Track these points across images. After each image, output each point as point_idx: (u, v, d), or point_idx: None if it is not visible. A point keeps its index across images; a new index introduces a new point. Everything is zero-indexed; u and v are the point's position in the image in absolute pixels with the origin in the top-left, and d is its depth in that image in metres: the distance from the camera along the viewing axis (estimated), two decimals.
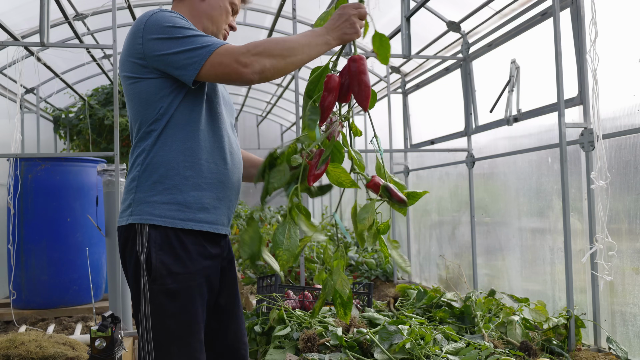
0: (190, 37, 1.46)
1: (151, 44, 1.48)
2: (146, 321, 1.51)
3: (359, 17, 1.50)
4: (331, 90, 1.51)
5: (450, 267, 4.43)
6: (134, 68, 1.53)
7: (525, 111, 3.27)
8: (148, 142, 1.54)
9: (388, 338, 2.58)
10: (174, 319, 1.51)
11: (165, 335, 1.51)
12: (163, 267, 1.49)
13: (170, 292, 1.50)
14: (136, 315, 1.55)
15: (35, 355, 2.63)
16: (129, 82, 1.55)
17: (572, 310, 2.68)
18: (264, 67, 1.43)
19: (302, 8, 4.25)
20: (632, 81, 2.61)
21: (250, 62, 1.42)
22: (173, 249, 1.51)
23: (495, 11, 3.58)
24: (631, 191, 2.61)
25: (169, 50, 1.46)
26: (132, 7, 4.21)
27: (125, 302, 3.35)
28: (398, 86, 5.35)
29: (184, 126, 1.54)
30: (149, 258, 1.50)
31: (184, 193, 1.53)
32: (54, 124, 6.53)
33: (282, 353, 2.60)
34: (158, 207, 1.52)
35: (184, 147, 1.54)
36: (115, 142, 3.24)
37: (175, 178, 1.53)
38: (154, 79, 1.52)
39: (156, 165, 1.53)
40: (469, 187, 4.07)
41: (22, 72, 3.99)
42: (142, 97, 1.53)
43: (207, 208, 1.57)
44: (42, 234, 3.99)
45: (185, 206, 1.53)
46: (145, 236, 1.51)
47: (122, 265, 1.62)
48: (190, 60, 1.44)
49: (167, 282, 1.50)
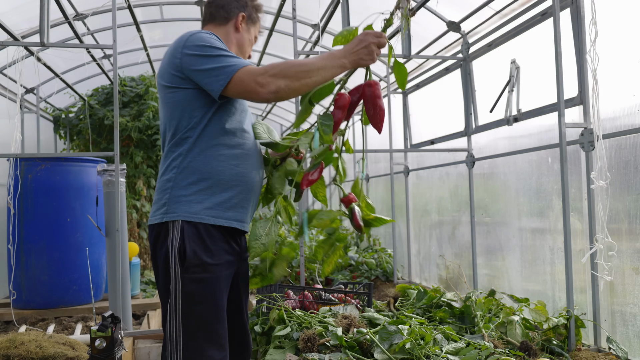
0: (221, 56, 1.65)
1: (188, 59, 1.68)
2: (176, 309, 1.66)
3: (378, 45, 1.68)
4: (342, 108, 1.69)
5: (450, 267, 4.43)
6: (173, 79, 1.72)
7: (525, 111, 3.27)
8: (184, 147, 1.72)
9: (388, 338, 2.58)
10: (202, 305, 1.66)
11: (194, 321, 1.65)
12: (195, 257, 1.66)
13: (200, 281, 1.66)
14: (165, 305, 1.70)
15: (35, 355, 2.63)
16: (167, 91, 1.74)
17: (572, 310, 2.68)
18: (278, 87, 1.60)
19: (302, 8, 4.25)
20: (632, 81, 2.61)
21: (266, 83, 1.60)
22: (204, 242, 1.68)
23: (495, 11, 3.58)
24: (631, 191, 2.61)
25: (201, 67, 1.66)
26: (132, 7, 4.21)
27: (125, 302, 3.35)
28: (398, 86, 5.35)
29: (216, 134, 1.73)
30: (182, 250, 1.66)
31: (216, 194, 1.72)
32: (54, 124, 6.54)
33: (282, 353, 2.60)
34: (193, 205, 1.69)
35: (217, 154, 1.73)
36: (115, 142, 3.24)
37: (209, 181, 1.71)
38: (190, 89, 1.70)
39: (192, 169, 1.71)
40: (469, 187, 4.07)
41: (22, 72, 3.99)
42: (179, 105, 1.72)
43: (235, 207, 1.75)
44: (42, 234, 3.99)
45: (217, 205, 1.71)
46: (178, 230, 1.67)
47: (152, 258, 1.78)
48: (217, 77, 1.63)
49: (198, 271, 1.66)
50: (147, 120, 6.08)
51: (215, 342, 1.67)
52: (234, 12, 1.93)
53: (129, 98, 6.25)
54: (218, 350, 1.68)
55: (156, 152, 6.18)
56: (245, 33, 1.95)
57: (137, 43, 5.24)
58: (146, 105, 6.15)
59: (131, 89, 6.30)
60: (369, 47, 1.66)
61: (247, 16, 1.95)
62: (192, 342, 1.65)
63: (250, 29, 1.97)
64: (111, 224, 3.30)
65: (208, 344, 1.66)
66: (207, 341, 1.66)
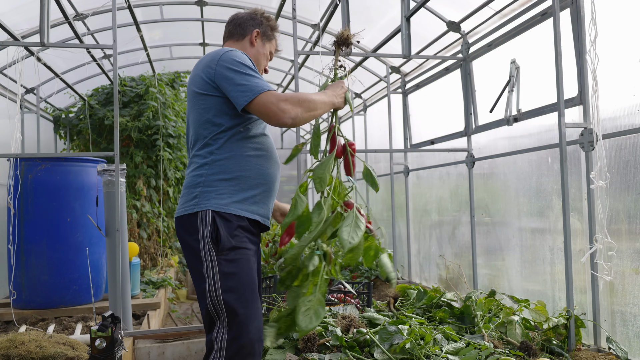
0: (250, 75, 1.88)
1: (222, 70, 1.90)
2: (215, 288, 1.85)
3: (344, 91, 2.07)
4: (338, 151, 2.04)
5: (450, 267, 4.43)
6: (205, 86, 1.93)
7: (525, 111, 3.27)
8: (214, 147, 1.94)
9: (388, 338, 2.59)
10: (239, 281, 1.87)
11: (233, 295, 1.85)
12: (228, 241, 1.87)
13: (234, 261, 1.88)
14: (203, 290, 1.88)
15: (35, 355, 2.63)
16: (199, 97, 1.96)
17: (572, 310, 2.68)
18: (297, 115, 1.85)
19: (302, 8, 4.25)
20: (632, 81, 2.61)
21: (287, 110, 1.83)
22: (233, 230, 1.89)
23: (495, 11, 3.58)
24: (631, 191, 2.61)
25: (232, 80, 1.88)
26: (132, 7, 4.21)
27: (125, 302, 3.35)
28: (398, 86, 5.35)
29: (243, 137, 1.96)
30: (214, 235, 1.87)
31: (244, 190, 1.94)
32: (54, 124, 6.53)
33: (282, 353, 2.60)
34: (223, 198, 1.91)
35: (245, 155, 1.96)
36: (116, 142, 3.25)
37: (238, 178, 1.94)
38: (219, 97, 1.92)
39: (222, 167, 1.93)
40: (469, 187, 4.07)
41: (22, 72, 3.98)
42: (209, 110, 1.94)
43: (259, 203, 1.98)
44: (42, 234, 3.99)
45: (244, 200, 1.94)
46: (210, 219, 1.88)
47: (183, 249, 1.97)
48: (244, 93, 1.85)
49: (231, 254, 1.87)
50: (147, 120, 6.08)
51: (256, 317, 1.87)
52: (249, 29, 2.17)
53: (129, 98, 6.25)
54: (258, 320, 1.89)
55: (156, 152, 6.18)
56: (260, 48, 2.17)
57: (137, 43, 5.24)
58: (146, 105, 6.14)
59: (131, 89, 6.30)
60: (341, 92, 2.03)
61: (261, 32, 2.18)
62: (234, 318, 1.83)
63: (265, 44, 2.19)
64: (111, 224, 3.30)
65: (249, 319, 1.84)
66: (248, 317, 1.84)
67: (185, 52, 6.56)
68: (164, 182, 6.35)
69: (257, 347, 1.86)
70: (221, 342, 1.84)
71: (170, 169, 6.41)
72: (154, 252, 6.21)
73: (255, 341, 1.85)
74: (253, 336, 1.84)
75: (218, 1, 5.12)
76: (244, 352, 1.83)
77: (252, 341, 1.84)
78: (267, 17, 2.22)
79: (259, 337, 1.87)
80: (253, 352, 1.84)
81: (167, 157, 6.24)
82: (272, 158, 2.05)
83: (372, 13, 4.74)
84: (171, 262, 6.40)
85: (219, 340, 1.84)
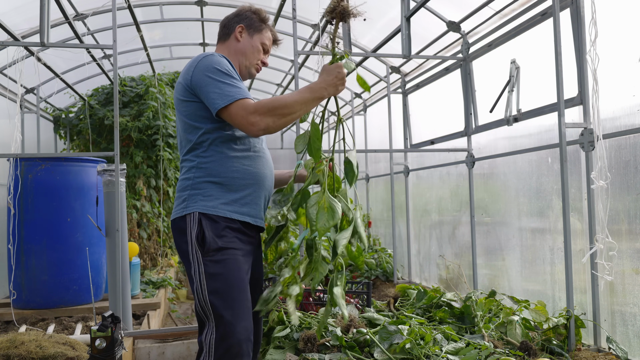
0: (222, 82, 1.87)
1: (197, 77, 1.90)
2: (202, 289, 1.86)
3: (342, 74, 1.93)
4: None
5: (450, 267, 4.43)
6: (185, 93, 1.95)
7: (525, 111, 3.27)
8: (199, 151, 1.95)
9: (388, 338, 2.59)
10: (224, 283, 1.87)
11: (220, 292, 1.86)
12: (214, 242, 1.88)
13: (220, 262, 1.88)
14: (193, 291, 1.90)
15: (35, 355, 2.63)
16: (182, 103, 1.97)
17: (572, 310, 2.68)
18: (267, 125, 1.83)
19: (302, 8, 4.25)
20: (632, 81, 2.60)
21: (256, 122, 1.82)
22: (220, 231, 1.90)
23: (495, 11, 3.58)
24: (631, 191, 2.61)
25: (205, 88, 1.88)
26: (132, 7, 4.21)
27: (125, 302, 3.35)
28: (398, 86, 5.35)
29: (228, 139, 1.95)
30: (200, 237, 1.88)
31: (232, 192, 1.95)
32: (54, 124, 6.53)
33: (282, 353, 2.60)
34: (210, 199, 1.92)
35: (230, 156, 1.95)
36: (116, 142, 3.25)
37: (225, 180, 1.94)
38: (199, 102, 1.92)
39: (208, 169, 1.94)
40: (469, 187, 4.07)
41: (22, 72, 3.98)
42: (191, 116, 1.95)
43: (250, 204, 1.98)
44: (42, 234, 3.99)
45: (233, 201, 1.94)
46: (196, 221, 1.90)
47: (177, 249, 1.99)
48: (216, 100, 1.85)
49: (216, 255, 1.88)
50: (147, 120, 6.08)
51: (243, 318, 1.86)
52: (233, 27, 2.15)
53: (129, 98, 6.25)
54: (246, 321, 1.88)
55: (156, 152, 6.18)
56: (247, 41, 2.13)
57: (137, 43, 5.24)
58: (146, 105, 6.14)
59: (131, 89, 6.30)
60: (339, 76, 1.91)
61: (246, 26, 2.14)
62: (221, 319, 1.83)
63: (254, 36, 2.15)
64: (111, 224, 3.30)
65: (237, 319, 1.84)
66: (235, 317, 1.84)
67: (185, 52, 6.56)
68: (164, 182, 6.35)
69: (246, 347, 1.85)
70: (209, 343, 1.84)
71: (170, 169, 6.41)
72: (154, 252, 6.21)
73: (243, 341, 1.84)
74: (240, 336, 1.84)
75: (218, 1, 5.12)
76: (232, 352, 1.82)
77: (239, 341, 1.83)
78: (254, 10, 2.18)
79: (247, 337, 1.86)
80: (241, 353, 1.83)
81: (167, 157, 6.24)
82: (261, 157, 2.04)
83: (372, 13, 4.73)
84: (171, 262, 6.40)
85: (207, 341, 1.85)
